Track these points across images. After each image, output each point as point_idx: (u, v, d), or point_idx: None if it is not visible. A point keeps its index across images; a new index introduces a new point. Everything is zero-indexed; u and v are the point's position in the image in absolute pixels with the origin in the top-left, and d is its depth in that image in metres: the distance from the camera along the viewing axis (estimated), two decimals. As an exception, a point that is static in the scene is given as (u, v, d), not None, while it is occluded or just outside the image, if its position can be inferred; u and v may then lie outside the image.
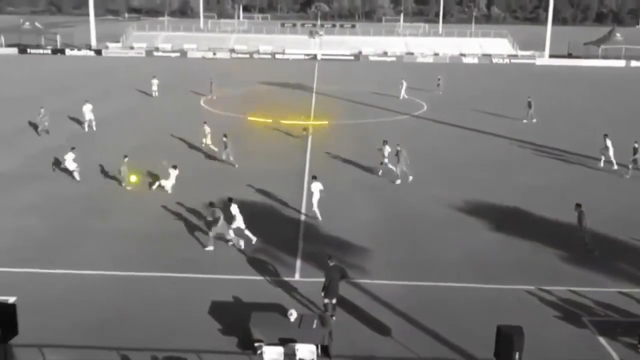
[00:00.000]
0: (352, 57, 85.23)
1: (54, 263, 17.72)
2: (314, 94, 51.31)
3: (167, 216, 21.88)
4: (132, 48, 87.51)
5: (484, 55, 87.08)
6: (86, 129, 35.10)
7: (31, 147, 31.27)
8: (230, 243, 19.01)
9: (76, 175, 25.68)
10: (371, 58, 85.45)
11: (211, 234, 18.78)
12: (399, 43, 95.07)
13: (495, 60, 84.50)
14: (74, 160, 25.72)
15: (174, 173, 24.45)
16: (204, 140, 30.52)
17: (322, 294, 14.72)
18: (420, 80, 58.22)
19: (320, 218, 21.44)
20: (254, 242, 19.25)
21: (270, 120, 38.92)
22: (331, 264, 14.92)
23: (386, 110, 44.01)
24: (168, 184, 24.40)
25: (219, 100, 46.36)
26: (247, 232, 19.38)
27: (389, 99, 48.36)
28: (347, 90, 53.21)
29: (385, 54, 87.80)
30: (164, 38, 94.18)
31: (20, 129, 35.20)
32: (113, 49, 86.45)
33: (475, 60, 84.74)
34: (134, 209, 22.54)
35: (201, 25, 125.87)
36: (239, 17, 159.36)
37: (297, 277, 17.24)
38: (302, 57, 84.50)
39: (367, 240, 19.77)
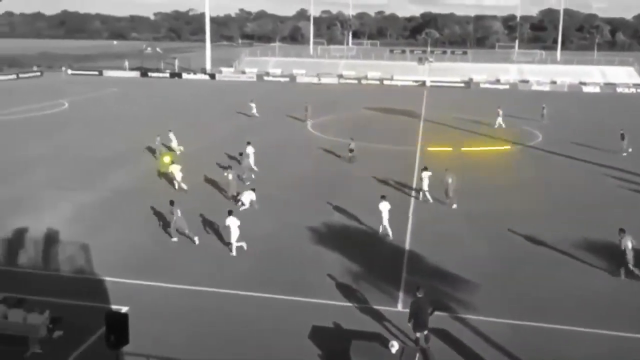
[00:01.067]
0: (462, 84, 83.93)
1: (165, 276, 18.69)
2: (421, 121, 50.96)
3: (276, 235, 22.46)
4: (244, 72, 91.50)
5: (607, 84, 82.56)
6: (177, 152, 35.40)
7: (144, 165, 33.32)
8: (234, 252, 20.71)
9: (183, 185, 27.25)
10: (482, 85, 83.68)
11: (172, 228, 21.85)
12: (513, 70, 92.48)
13: (619, 90, 79.85)
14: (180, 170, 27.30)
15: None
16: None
17: (410, 325, 14.49)
18: (525, 108, 56.26)
19: (391, 236, 22.10)
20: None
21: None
22: (419, 295, 14.65)
23: (497, 139, 42.76)
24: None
25: (324, 124, 47.25)
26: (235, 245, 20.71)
27: (499, 128, 47.00)
28: (456, 117, 52.37)
29: (497, 81, 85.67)
30: (274, 63, 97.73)
31: (136, 149, 37.61)
32: (226, 74, 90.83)
33: (597, 90, 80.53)
34: (242, 227, 23.31)
35: (311, 51, 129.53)
36: (348, 43, 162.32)
37: (399, 307, 17.01)
38: (410, 83, 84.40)
39: (473, 274, 19.17)
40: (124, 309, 15.91)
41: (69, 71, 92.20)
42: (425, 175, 23.38)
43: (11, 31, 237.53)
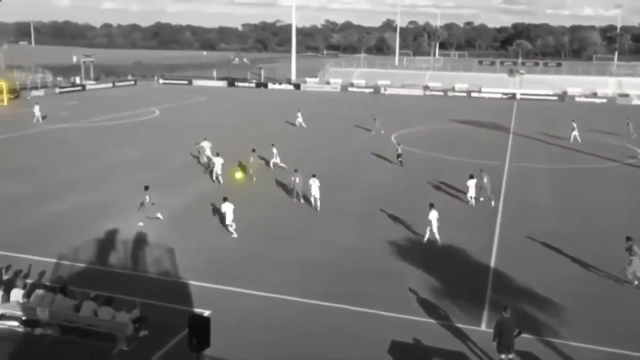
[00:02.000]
0: (555, 98, 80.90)
1: (246, 282, 19.10)
2: (510, 135, 49.52)
3: (357, 247, 22.48)
4: (328, 83, 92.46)
5: None
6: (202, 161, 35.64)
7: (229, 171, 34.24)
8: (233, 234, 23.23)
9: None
10: (578, 99, 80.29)
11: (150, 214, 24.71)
12: (612, 83, 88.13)
13: None
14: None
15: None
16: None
17: (494, 345, 14.01)
18: (616, 123, 53.42)
19: (440, 242, 22.54)
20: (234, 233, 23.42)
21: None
22: (506, 315, 14.17)
23: (592, 155, 40.84)
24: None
25: (407, 136, 46.86)
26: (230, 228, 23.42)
27: (598, 144, 44.88)
28: (548, 131, 50.51)
29: (594, 94, 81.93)
30: (359, 74, 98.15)
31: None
32: (310, 84, 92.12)
33: None
34: (324, 239, 23.51)
35: (396, 62, 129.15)
36: (435, 55, 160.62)
37: (483, 327, 16.54)
38: (499, 96, 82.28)
39: (563, 296, 18.35)
40: (206, 313, 16.39)
41: (161, 80, 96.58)
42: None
43: (109, 42, 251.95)
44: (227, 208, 23.54)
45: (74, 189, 30.07)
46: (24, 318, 16.10)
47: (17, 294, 16.40)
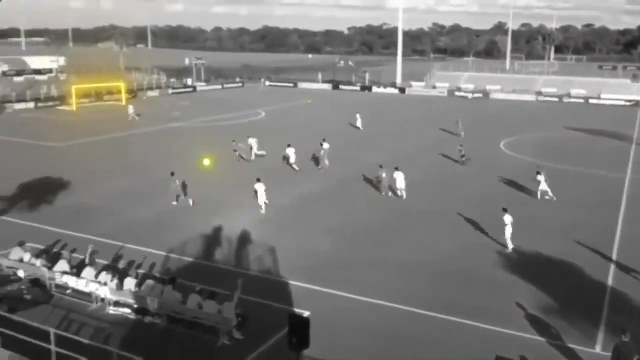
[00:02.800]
0: (685, 105, 75.03)
1: (347, 285, 19.20)
2: (633, 145, 46.46)
3: (462, 256, 21.99)
4: (434, 87, 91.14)
5: None
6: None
7: (338, 171, 34.57)
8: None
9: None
10: None
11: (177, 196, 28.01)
12: None
13: None
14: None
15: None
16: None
17: None
18: None
19: (510, 248, 22.51)
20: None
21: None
22: (625, 339, 13.23)
23: None
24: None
25: (518, 143, 45.21)
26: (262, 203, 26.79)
27: None
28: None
29: None
30: (466, 78, 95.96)
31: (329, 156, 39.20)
32: (416, 88, 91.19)
33: None
34: (424, 242, 23.19)
35: (507, 66, 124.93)
36: (549, 58, 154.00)
37: (597, 349, 15.61)
38: (621, 102, 77.46)
39: (692, 322, 16.91)
40: (306, 313, 16.62)
41: (267, 83, 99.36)
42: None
43: (219, 45, 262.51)
44: (259, 188, 26.98)
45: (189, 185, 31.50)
46: (135, 306, 17.10)
47: (129, 283, 17.44)
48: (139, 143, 44.73)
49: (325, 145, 36.70)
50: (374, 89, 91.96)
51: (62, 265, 18.70)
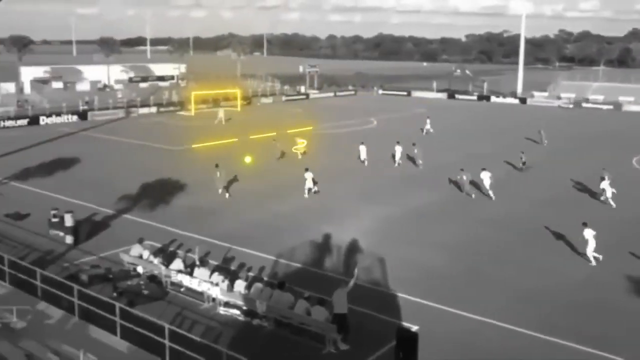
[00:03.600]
0: None
1: (459, 303, 18.80)
2: None
3: (592, 284, 20.90)
4: (559, 98, 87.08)
5: None
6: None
7: (447, 187, 33.96)
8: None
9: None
10: None
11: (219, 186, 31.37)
12: None
13: None
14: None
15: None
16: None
17: None
18: None
19: (593, 263, 22.12)
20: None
21: None
22: None
23: None
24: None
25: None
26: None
27: None
28: None
29: None
30: (596, 89, 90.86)
31: (435, 170, 38.60)
32: (538, 98, 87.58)
33: None
34: (534, 261, 22.23)
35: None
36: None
37: None
38: None
39: None
40: (414, 328, 16.43)
41: (380, 91, 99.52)
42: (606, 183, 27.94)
43: (332, 53, 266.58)
44: (308, 176, 31.36)
45: (297, 190, 32.29)
46: (244, 308, 17.70)
47: (239, 285, 18.07)
48: (255, 148, 46.31)
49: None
50: (493, 98, 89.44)
51: (177, 264, 19.74)
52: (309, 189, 31.35)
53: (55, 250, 23.09)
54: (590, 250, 22.27)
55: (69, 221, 23.82)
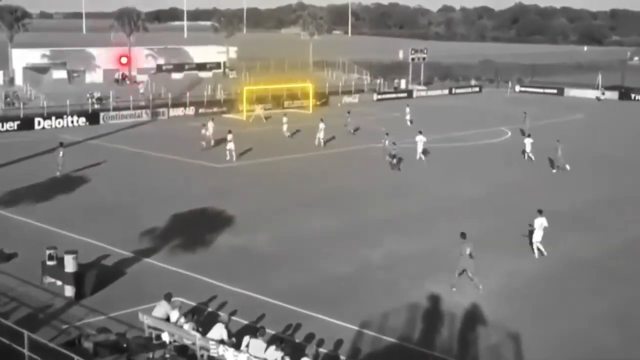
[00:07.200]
0: None
1: None
2: None
3: None
4: None
5: None
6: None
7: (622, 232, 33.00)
8: None
9: None
10: None
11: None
12: None
13: None
14: None
15: None
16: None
17: None
18: None
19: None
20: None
21: None
22: None
23: None
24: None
25: None
26: None
27: None
28: None
29: None
30: None
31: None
32: None
33: None
34: None
35: None
36: None
37: None
38: None
39: None
40: None
41: (517, 87, 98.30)
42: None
43: (447, 32, 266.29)
44: (322, 126, 44.79)
45: (395, 229, 32.29)
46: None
47: (306, 365, 18.07)
48: (330, 165, 46.64)
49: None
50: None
51: (218, 331, 19.89)
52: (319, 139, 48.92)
53: (51, 306, 23.76)
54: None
55: (70, 265, 24.50)
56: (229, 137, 48.07)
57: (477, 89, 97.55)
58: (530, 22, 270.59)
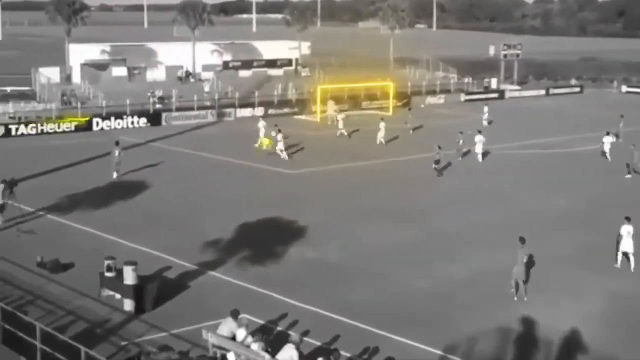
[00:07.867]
0: None
1: None
2: None
3: None
4: None
5: None
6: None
7: None
8: None
9: None
10: None
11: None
12: None
13: None
14: None
15: None
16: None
17: None
18: None
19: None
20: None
21: None
22: None
23: None
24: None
25: None
26: None
27: None
28: None
29: None
30: None
31: None
32: None
33: None
34: None
35: None
36: None
37: None
38: None
39: None
40: None
41: (623, 87, 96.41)
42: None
43: (544, 26, 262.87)
44: (382, 126, 50.43)
45: (474, 242, 32.14)
46: None
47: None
48: (404, 172, 46.50)
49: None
50: None
51: (289, 352, 19.99)
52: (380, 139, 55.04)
53: (109, 321, 24.31)
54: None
55: (129, 278, 24.99)
56: (279, 136, 50.11)
57: (577, 89, 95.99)
58: (639, 15, 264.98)
